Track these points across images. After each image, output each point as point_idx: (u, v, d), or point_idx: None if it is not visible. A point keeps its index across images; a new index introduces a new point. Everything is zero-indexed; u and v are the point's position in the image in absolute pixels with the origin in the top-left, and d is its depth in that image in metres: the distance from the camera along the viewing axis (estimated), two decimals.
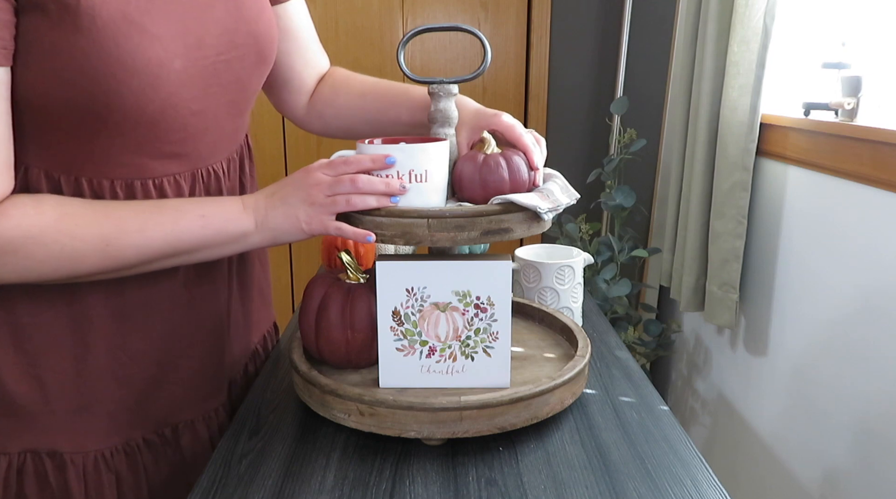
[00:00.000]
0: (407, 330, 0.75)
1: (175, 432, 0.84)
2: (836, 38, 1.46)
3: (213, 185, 0.80)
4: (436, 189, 0.74)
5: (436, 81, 0.78)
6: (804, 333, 1.42)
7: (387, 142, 0.77)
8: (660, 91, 2.32)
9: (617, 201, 2.03)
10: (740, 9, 1.49)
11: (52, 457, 0.75)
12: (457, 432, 0.72)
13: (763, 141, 1.54)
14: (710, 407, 1.86)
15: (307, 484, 0.69)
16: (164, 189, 0.75)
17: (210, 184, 0.80)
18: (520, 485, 0.68)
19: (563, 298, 1.04)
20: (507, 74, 2.61)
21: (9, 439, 0.74)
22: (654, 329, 2.07)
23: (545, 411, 0.76)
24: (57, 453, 0.75)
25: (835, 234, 1.32)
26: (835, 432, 1.31)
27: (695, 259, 1.72)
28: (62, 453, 0.75)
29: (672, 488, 0.68)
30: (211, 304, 0.83)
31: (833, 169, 1.31)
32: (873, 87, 1.32)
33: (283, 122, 2.71)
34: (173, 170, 0.75)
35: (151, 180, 0.73)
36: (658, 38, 2.32)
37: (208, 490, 0.68)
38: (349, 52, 2.62)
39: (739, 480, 1.68)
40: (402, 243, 0.72)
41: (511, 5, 2.54)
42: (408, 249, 1.26)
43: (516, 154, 0.76)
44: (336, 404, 0.75)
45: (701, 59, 1.68)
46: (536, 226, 0.74)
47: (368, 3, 2.57)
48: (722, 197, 1.59)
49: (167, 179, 0.75)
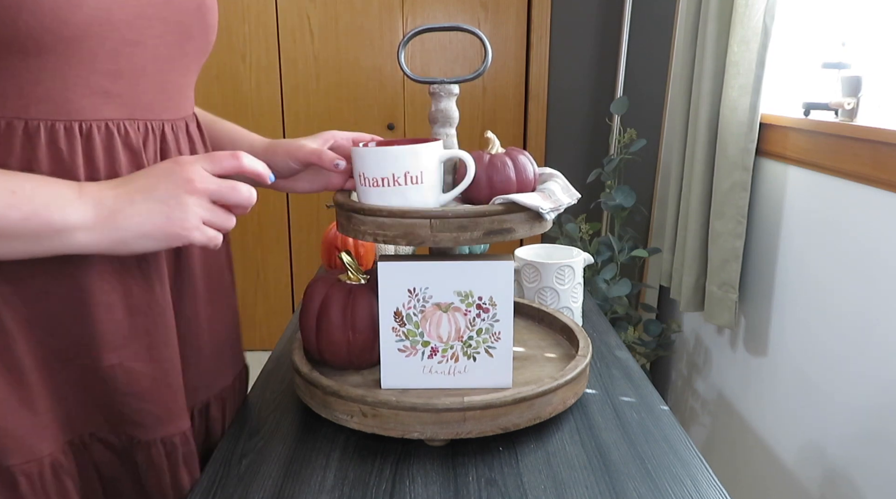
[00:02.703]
0: (409, 331, 0.75)
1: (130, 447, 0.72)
2: (836, 38, 1.46)
3: (150, 146, 0.68)
4: (431, 188, 0.74)
5: (436, 81, 0.78)
6: (804, 333, 1.42)
7: (381, 145, 0.77)
8: (660, 91, 2.32)
9: (617, 201, 2.03)
10: (740, 9, 1.49)
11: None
12: (460, 432, 0.72)
13: (763, 141, 1.54)
14: (710, 407, 1.87)
15: (307, 484, 0.69)
16: (93, 137, 0.63)
17: (148, 144, 0.67)
18: (520, 485, 0.68)
19: (563, 298, 1.05)
20: (507, 74, 2.61)
21: None
22: (654, 329, 2.07)
23: (548, 411, 0.76)
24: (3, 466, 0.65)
25: (835, 234, 1.32)
26: (834, 431, 1.31)
27: (695, 259, 1.72)
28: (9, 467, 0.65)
29: (672, 488, 0.68)
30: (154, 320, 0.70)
31: (833, 169, 1.31)
32: (873, 87, 1.33)
33: (284, 124, 2.71)
34: (106, 114, 0.64)
35: (78, 124, 0.62)
36: (658, 38, 2.32)
37: (208, 490, 0.68)
38: (349, 52, 2.62)
39: (739, 480, 1.68)
40: (404, 244, 0.72)
41: (511, 5, 2.54)
42: (408, 250, 1.26)
43: (522, 153, 0.76)
44: (338, 405, 0.75)
45: (701, 59, 1.68)
46: (538, 226, 0.74)
47: (368, 3, 2.57)
48: (722, 197, 1.59)
49: (97, 125, 0.63)
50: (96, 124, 0.63)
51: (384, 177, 0.72)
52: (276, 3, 2.58)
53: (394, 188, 0.72)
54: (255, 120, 2.68)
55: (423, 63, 2.61)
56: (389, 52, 2.60)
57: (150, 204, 0.59)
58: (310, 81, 2.65)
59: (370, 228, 0.73)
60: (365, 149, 0.73)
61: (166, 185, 0.59)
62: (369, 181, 0.73)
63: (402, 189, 0.72)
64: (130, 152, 0.66)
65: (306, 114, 2.68)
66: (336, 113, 2.67)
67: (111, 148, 0.64)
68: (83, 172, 0.62)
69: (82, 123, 0.62)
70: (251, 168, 0.65)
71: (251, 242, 2.82)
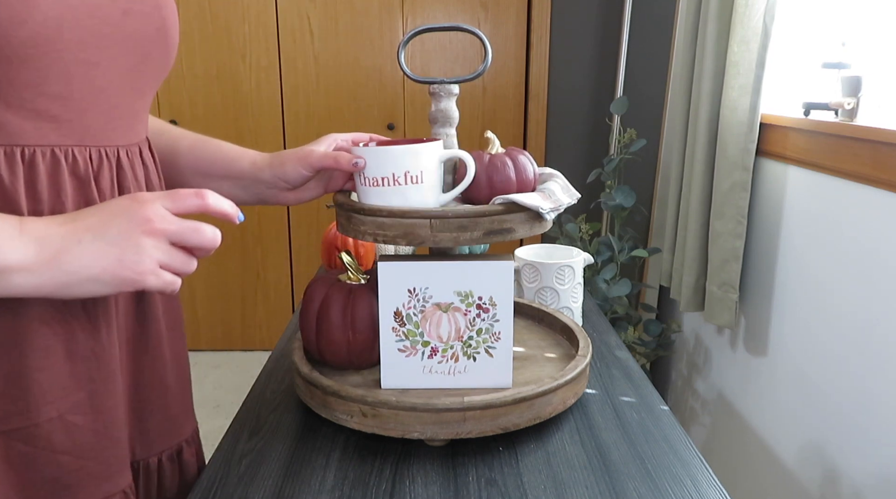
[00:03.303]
0: (409, 331, 0.75)
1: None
2: (836, 38, 1.46)
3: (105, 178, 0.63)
4: (431, 188, 0.74)
5: (436, 81, 0.78)
6: (804, 332, 1.42)
7: (381, 144, 0.77)
8: (660, 91, 2.32)
9: (617, 201, 2.03)
10: (740, 9, 1.49)
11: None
12: (460, 432, 0.72)
13: (763, 141, 1.54)
14: (710, 407, 1.87)
15: (307, 484, 0.69)
16: (36, 164, 0.57)
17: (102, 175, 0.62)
18: (520, 485, 0.68)
19: (563, 298, 1.04)
20: (507, 74, 2.61)
21: None
22: (654, 329, 2.07)
23: (548, 411, 0.76)
24: None
25: (835, 234, 1.32)
26: (834, 431, 1.31)
27: (695, 259, 1.72)
28: None
29: (672, 488, 0.68)
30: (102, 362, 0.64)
31: (833, 169, 1.31)
32: (873, 87, 1.33)
33: (284, 124, 2.71)
34: (52, 139, 0.58)
35: (21, 149, 0.57)
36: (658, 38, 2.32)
37: (208, 490, 0.68)
38: (349, 52, 2.62)
39: (739, 480, 1.68)
40: (404, 244, 0.72)
41: (511, 5, 2.54)
42: (408, 250, 1.26)
43: (522, 153, 0.76)
44: (338, 405, 0.75)
45: (701, 59, 1.68)
46: (538, 226, 0.74)
47: (368, 3, 2.57)
48: (722, 197, 1.59)
49: (41, 151, 0.58)
50: (41, 150, 0.58)
51: (384, 177, 0.72)
52: (276, 3, 2.58)
53: (394, 188, 0.72)
54: (255, 120, 2.68)
55: (423, 63, 2.61)
56: (389, 52, 2.60)
57: (100, 244, 0.53)
58: (310, 81, 2.65)
59: (370, 228, 0.73)
60: (365, 149, 0.73)
61: (120, 223, 0.54)
62: (369, 181, 0.73)
63: (403, 189, 0.72)
64: (78, 181, 0.60)
65: (306, 114, 2.68)
66: (336, 113, 2.67)
67: (57, 176, 0.59)
68: (25, 203, 0.57)
69: (24, 149, 0.57)
70: (217, 208, 0.58)
71: (251, 242, 2.82)
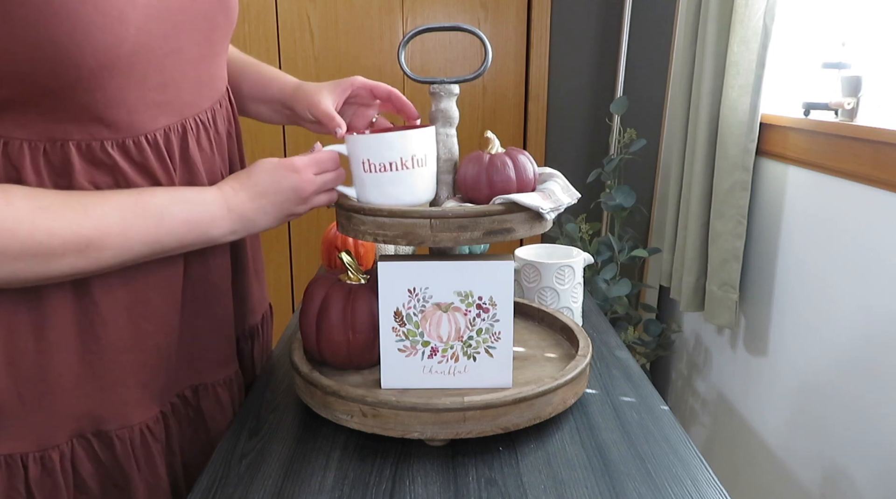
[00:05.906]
0: (409, 331, 0.75)
1: (196, 395, 0.84)
2: (836, 38, 1.46)
3: (203, 138, 0.77)
4: (432, 173, 0.77)
5: (436, 81, 0.78)
6: (804, 332, 1.42)
7: (376, 131, 0.79)
8: (660, 91, 2.32)
9: (617, 201, 2.03)
10: (740, 9, 1.49)
11: (98, 436, 0.74)
12: (460, 432, 0.72)
13: (763, 141, 1.54)
14: (710, 407, 1.87)
15: (307, 484, 0.69)
16: (159, 146, 0.71)
17: (200, 137, 0.77)
18: (520, 485, 0.68)
19: (563, 298, 1.04)
20: (507, 74, 2.61)
21: (57, 429, 0.72)
22: (654, 329, 2.07)
23: (548, 411, 0.76)
24: (102, 432, 0.74)
25: (835, 234, 1.32)
26: (834, 431, 1.31)
27: (695, 259, 1.72)
28: (107, 432, 0.74)
29: (672, 488, 0.68)
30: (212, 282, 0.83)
31: (833, 169, 1.31)
32: (873, 87, 1.32)
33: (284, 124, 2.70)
34: (162, 122, 0.71)
35: (144, 137, 0.70)
36: (658, 38, 2.32)
37: (208, 490, 0.68)
38: (349, 52, 2.62)
39: (739, 480, 1.68)
40: (404, 244, 0.72)
41: (511, 5, 2.54)
42: (408, 250, 1.26)
43: (522, 153, 0.76)
44: (338, 405, 0.75)
45: (701, 59, 1.68)
46: (538, 226, 0.74)
47: (368, 3, 2.57)
48: (722, 197, 1.59)
49: (159, 134, 0.71)
50: (159, 134, 0.71)
51: (392, 162, 0.73)
52: (276, 2, 2.58)
53: (402, 172, 0.73)
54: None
55: (423, 63, 2.61)
56: (389, 52, 2.60)
57: (277, 211, 0.76)
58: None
59: (370, 228, 0.73)
60: (373, 135, 0.75)
61: (289, 196, 0.75)
62: (376, 167, 0.73)
63: (411, 172, 0.74)
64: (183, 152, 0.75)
65: None
66: None
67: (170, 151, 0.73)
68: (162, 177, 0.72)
69: (147, 135, 0.70)
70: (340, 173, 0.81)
71: None
